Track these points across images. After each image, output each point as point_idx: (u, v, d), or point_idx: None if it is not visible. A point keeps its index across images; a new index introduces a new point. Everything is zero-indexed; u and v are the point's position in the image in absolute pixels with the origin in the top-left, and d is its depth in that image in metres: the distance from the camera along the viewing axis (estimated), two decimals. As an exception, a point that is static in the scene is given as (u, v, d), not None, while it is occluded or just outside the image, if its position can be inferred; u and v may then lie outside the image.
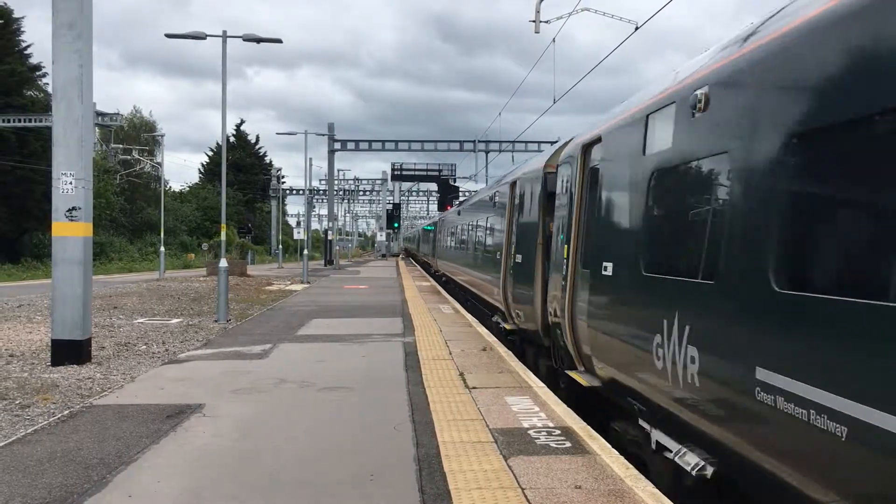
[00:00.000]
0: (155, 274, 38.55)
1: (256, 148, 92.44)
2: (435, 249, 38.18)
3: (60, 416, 7.32)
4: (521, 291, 11.94)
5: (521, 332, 12.54)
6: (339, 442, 6.37)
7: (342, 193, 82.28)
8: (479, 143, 53.48)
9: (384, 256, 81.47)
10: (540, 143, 50.82)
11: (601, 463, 5.65)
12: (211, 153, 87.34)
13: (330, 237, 56.60)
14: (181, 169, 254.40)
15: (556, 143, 12.98)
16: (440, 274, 34.00)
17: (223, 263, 17.15)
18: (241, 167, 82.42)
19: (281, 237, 71.40)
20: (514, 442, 6.23)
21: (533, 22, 19.02)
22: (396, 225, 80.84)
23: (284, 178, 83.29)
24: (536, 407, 7.54)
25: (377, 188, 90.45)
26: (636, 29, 15.08)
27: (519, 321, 12.37)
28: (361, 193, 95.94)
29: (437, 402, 7.81)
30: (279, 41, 19.87)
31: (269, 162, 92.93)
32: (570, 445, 6.13)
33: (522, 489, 5.06)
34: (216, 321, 16.04)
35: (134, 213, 60.96)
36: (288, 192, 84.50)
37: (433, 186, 71.82)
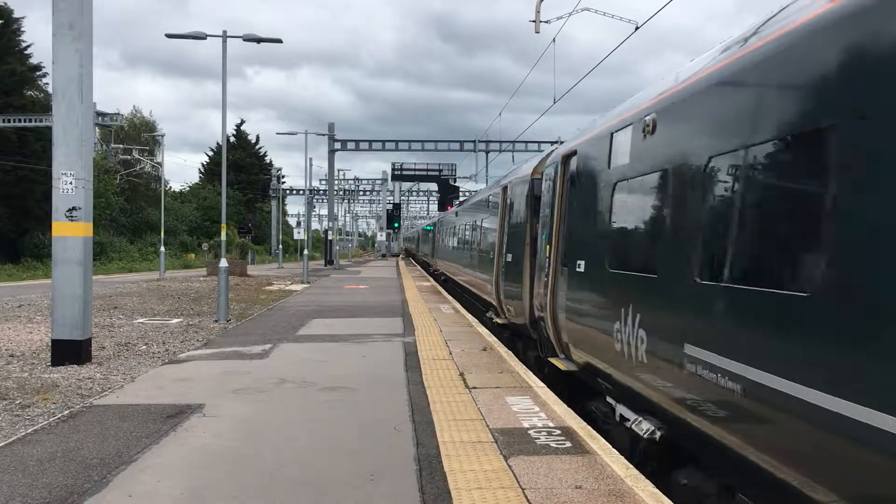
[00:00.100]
0: (155, 274, 38.55)
1: (256, 148, 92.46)
2: (434, 249, 39.69)
3: (60, 416, 7.33)
4: (511, 288, 12.73)
5: (511, 326, 13.26)
6: (339, 442, 6.37)
7: (342, 193, 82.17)
8: (479, 143, 53.46)
9: (384, 256, 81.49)
10: (540, 143, 50.79)
11: (601, 463, 5.66)
12: (211, 153, 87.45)
13: (330, 237, 56.61)
14: (181, 169, 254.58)
15: (556, 142, 14.02)
16: (439, 273, 35.09)
17: (223, 263, 17.16)
18: (241, 167, 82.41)
19: (281, 237, 71.37)
20: (514, 442, 6.24)
21: (533, 22, 19.01)
22: (396, 225, 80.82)
23: (285, 178, 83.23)
24: (537, 407, 7.54)
25: (377, 188, 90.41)
26: (636, 29, 15.08)
27: (510, 316, 13.11)
28: (361, 193, 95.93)
29: (437, 402, 7.82)
30: (279, 41, 19.87)
31: (269, 162, 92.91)
32: (570, 445, 6.13)
33: (523, 489, 5.06)
34: (216, 321, 16.05)
35: (134, 213, 60.98)
36: (288, 192, 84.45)
37: (433, 186, 71.81)
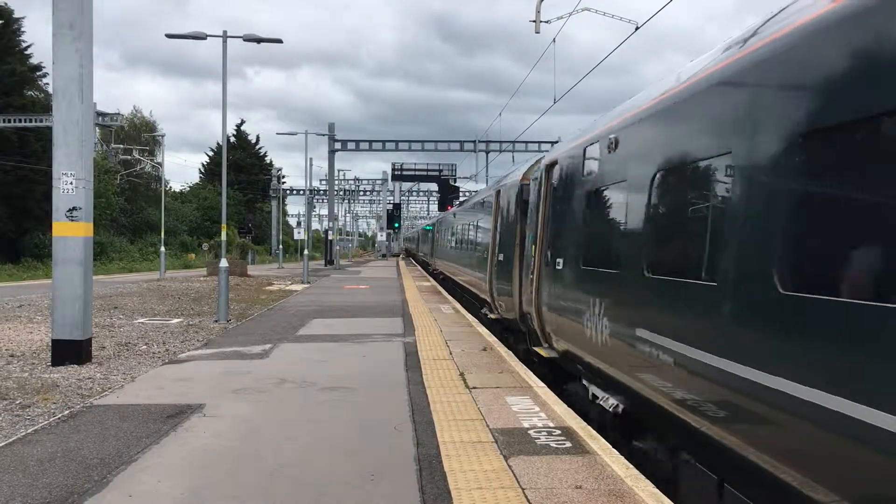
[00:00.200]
0: (155, 274, 38.57)
1: (257, 148, 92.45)
2: (433, 249, 40.87)
3: (61, 416, 7.33)
4: (503, 286, 13.69)
5: (503, 320, 14.29)
6: (339, 442, 6.37)
7: (342, 193, 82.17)
8: (479, 143, 53.41)
9: (384, 256, 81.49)
10: (540, 143, 50.74)
11: (601, 463, 5.66)
12: (211, 153, 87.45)
13: (330, 237, 56.61)
14: (181, 169, 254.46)
15: (555, 143, 14.53)
16: (438, 272, 35.96)
17: (223, 263, 17.16)
18: (241, 167, 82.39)
19: (281, 237, 71.36)
20: (514, 442, 6.24)
21: (533, 22, 19.01)
22: (397, 225, 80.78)
23: (285, 178, 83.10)
24: (537, 407, 7.54)
25: (377, 188, 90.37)
26: (636, 29, 15.07)
27: (502, 311, 14.14)
28: (362, 193, 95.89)
29: (437, 402, 7.82)
30: (279, 41, 19.87)
31: (269, 162, 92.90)
32: (570, 445, 6.14)
33: (523, 489, 5.06)
34: (216, 321, 16.05)
35: (134, 213, 60.97)
36: (288, 192, 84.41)
37: (433, 186, 71.80)
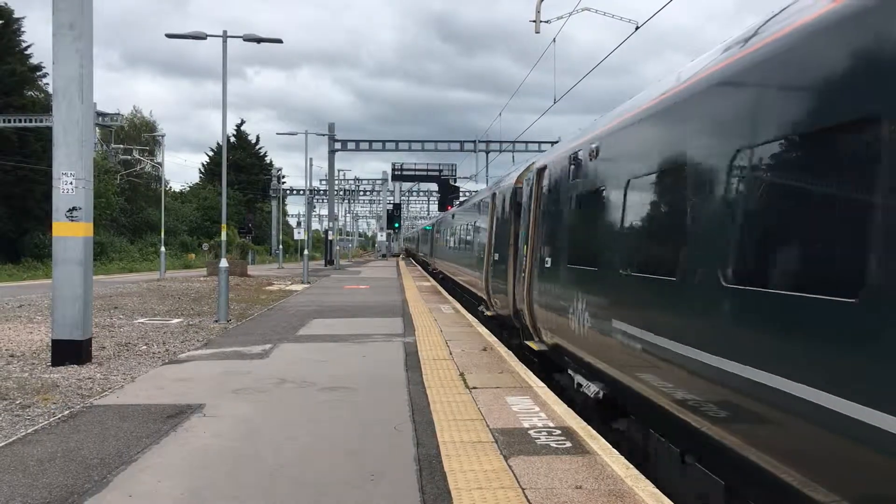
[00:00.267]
0: (155, 274, 38.56)
1: (257, 148, 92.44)
2: (432, 249, 41.83)
3: (61, 416, 7.33)
4: (498, 284, 14.41)
5: (498, 317, 14.99)
6: (339, 442, 6.37)
7: (342, 193, 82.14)
8: (479, 143, 53.39)
9: (384, 256, 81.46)
10: (540, 143, 50.68)
11: (601, 463, 5.66)
12: (211, 153, 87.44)
13: (330, 237, 56.59)
14: (181, 169, 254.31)
15: (556, 143, 14.99)
16: (437, 271, 36.74)
17: (224, 263, 17.16)
18: (241, 167, 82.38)
19: (281, 237, 71.32)
20: (514, 442, 6.24)
21: (533, 22, 19.01)
22: (397, 225, 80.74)
23: (285, 178, 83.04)
24: (537, 407, 7.54)
25: (377, 188, 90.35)
26: (636, 29, 15.08)
27: (497, 308, 14.89)
28: (362, 193, 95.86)
29: (437, 402, 7.82)
30: (279, 41, 19.86)
31: (269, 162, 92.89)
32: (570, 445, 6.14)
33: (523, 489, 5.06)
34: (216, 321, 16.05)
35: (134, 213, 60.95)
36: (288, 192, 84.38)
37: (434, 186, 71.77)
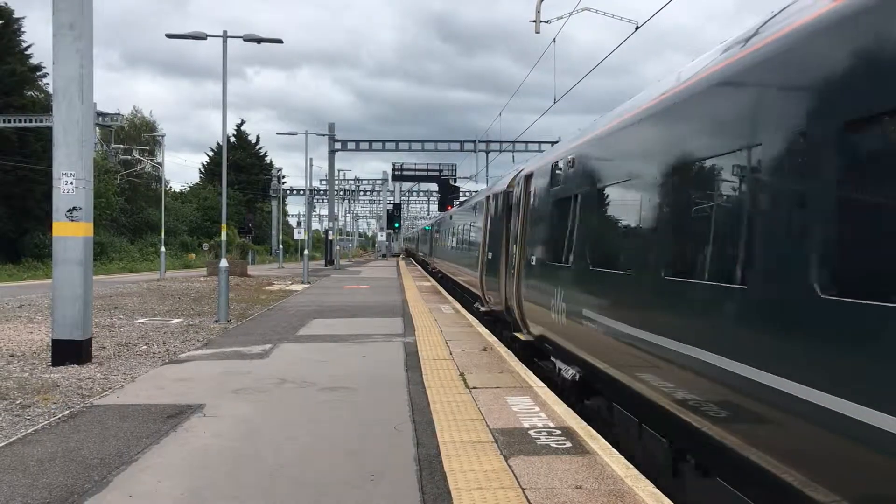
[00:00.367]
0: (155, 274, 38.55)
1: (257, 148, 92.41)
2: (431, 249, 42.89)
3: (61, 416, 7.33)
4: (491, 281, 15.32)
5: (492, 312, 15.91)
6: (339, 442, 6.37)
7: (343, 193, 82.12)
8: (479, 143, 53.30)
9: (385, 256, 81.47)
10: (540, 143, 50.57)
11: (601, 463, 5.66)
12: (211, 153, 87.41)
13: (330, 237, 56.57)
14: (182, 169, 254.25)
15: (555, 143, 15.64)
16: (437, 270, 37.52)
17: (224, 263, 17.16)
18: (241, 167, 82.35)
19: (281, 237, 71.32)
20: (514, 442, 6.25)
21: (533, 22, 19.01)
22: (397, 225, 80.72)
23: (285, 178, 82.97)
24: (537, 407, 7.55)
25: (377, 188, 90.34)
26: (636, 29, 15.07)
27: (490, 304, 15.93)
28: (362, 193, 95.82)
29: (437, 402, 7.82)
30: (279, 41, 19.85)
31: (269, 162, 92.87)
32: (570, 445, 6.14)
33: (523, 489, 5.06)
34: (217, 321, 16.05)
35: (134, 213, 60.92)
36: (288, 192, 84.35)
37: (434, 186, 71.71)
